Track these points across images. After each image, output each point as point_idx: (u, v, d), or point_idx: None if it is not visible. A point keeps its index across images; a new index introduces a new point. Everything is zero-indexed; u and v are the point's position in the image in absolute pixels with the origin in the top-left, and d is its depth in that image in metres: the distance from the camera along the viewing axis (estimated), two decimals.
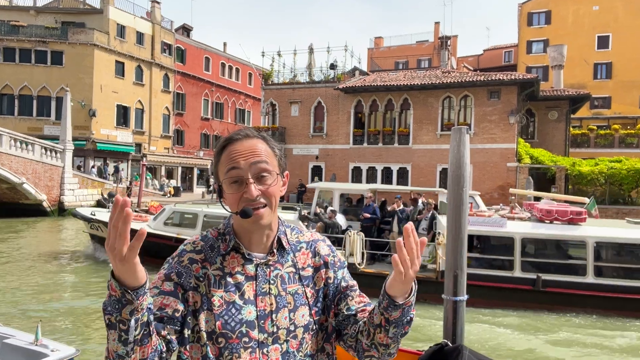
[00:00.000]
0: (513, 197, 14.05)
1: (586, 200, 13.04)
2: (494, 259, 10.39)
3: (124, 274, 1.03)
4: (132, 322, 1.06)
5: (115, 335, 1.07)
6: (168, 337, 1.21)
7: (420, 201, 13.05)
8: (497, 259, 10.34)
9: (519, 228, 10.31)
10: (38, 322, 4.74)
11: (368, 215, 12.11)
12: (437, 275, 10.24)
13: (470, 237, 10.27)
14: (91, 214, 14.77)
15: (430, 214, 11.77)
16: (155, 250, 7.39)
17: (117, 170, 34.01)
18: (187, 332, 1.26)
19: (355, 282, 1.44)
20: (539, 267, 10.15)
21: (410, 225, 1.20)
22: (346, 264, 1.48)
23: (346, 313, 1.35)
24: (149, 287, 1.11)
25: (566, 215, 10.32)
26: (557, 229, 10.20)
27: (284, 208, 14.19)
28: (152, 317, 1.12)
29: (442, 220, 10.58)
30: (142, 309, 1.07)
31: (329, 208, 12.33)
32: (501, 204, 15.95)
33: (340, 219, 12.33)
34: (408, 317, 1.24)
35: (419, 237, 1.20)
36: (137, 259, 1.04)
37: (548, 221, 10.40)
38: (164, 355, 1.18)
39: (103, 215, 14.59)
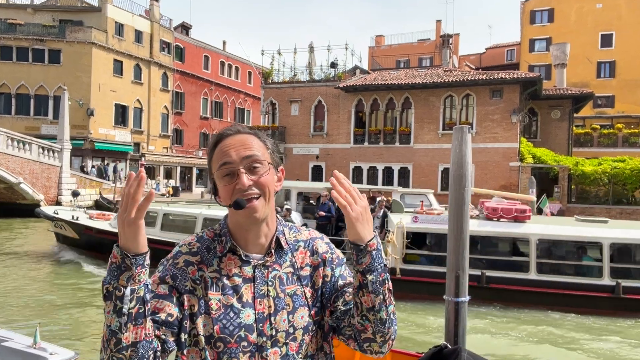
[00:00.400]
0: None
1: (534, 198, 13.19)
2: (441, 256, 10.38)
3: (128, 237, 1.08)
4: (128, 290, 1.08)
5: (111, 306, 1.09)
6: (163, 337, 1.19)
7: (378, 200, 13.21)
8: (445, 256, 10.30)
9: None
10: (37, 325, 4.69)
11: (323, 213, 12.33)
12: None
13: (423, 234, 10.56)
14: (54, 212, 14.71)
15: (382, 212, 11.90)
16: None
17: (115, 170, 33.91)
18: (183, 337, 1.24)
19: None
20: (483, 263, 10.33)
21: (336, 171, 1.25)
22: (345, 260, 1.41)
23: (343, 309, 1.32)
24: (148, 263, 1.13)
25: (511, 213, 10.54)
26: (502, 227, 10.40)
27: None
28: (148, 297, 1.12)
29: (393, 218, 10.88)
30: (140, 281, 1.09)
31: (285, 206, 12.47)
32: None
33: (296, 217, 12.47)
34: (381, 264, 1.23)
35: None
36: (143, 224, 1.09)
37: (495, 219, 10.60)
38: (159, 354, 1.17)
39: (66, 214, 14.50)
